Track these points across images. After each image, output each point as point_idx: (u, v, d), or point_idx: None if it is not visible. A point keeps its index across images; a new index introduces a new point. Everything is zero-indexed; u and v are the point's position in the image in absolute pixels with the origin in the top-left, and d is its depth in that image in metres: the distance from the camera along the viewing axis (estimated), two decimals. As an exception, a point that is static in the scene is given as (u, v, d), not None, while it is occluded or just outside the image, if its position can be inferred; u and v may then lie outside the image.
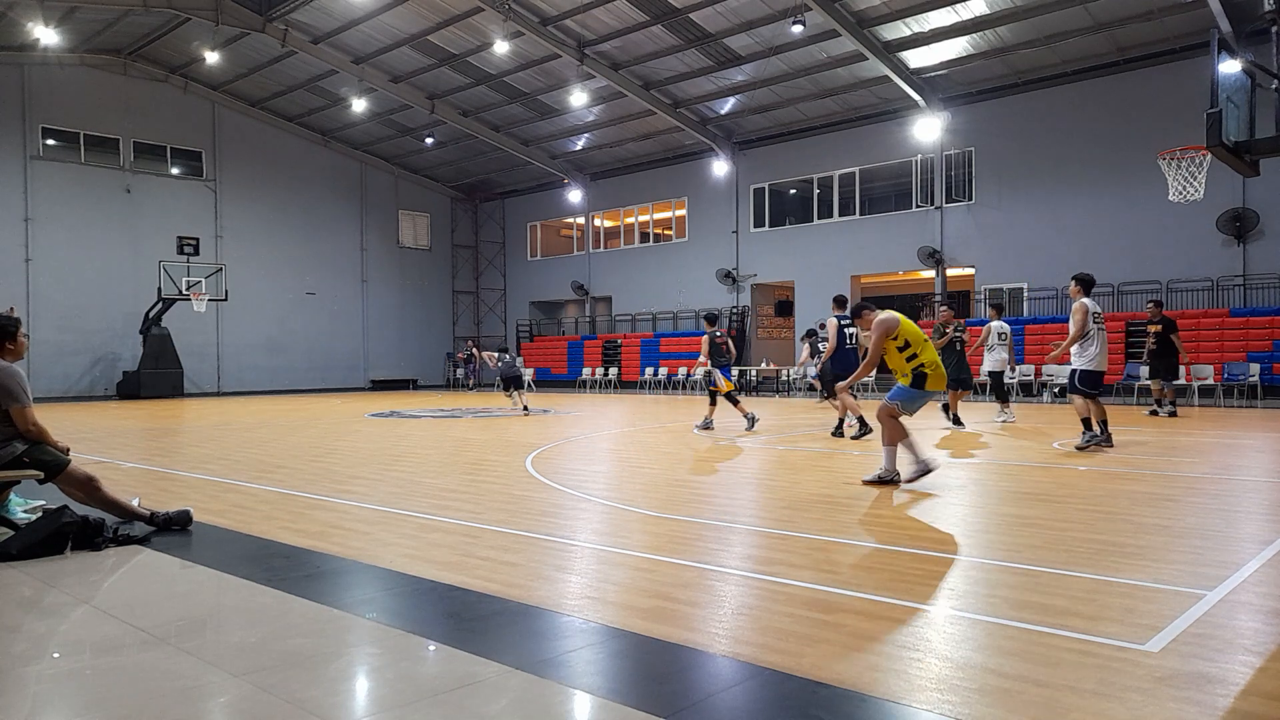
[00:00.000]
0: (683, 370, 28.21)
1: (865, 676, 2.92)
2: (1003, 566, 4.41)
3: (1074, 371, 9.88)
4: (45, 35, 24.16)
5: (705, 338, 12.71)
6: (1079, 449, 9.50)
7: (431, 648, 3.33)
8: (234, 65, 28.01)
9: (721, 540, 5.15)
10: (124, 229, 28.05)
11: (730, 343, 12.85)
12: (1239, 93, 5.86)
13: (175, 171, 29.71)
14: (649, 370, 28.95)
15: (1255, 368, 18.41)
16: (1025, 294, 23.11)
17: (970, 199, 24.01)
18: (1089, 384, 9.74)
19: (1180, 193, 15.88)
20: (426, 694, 2.85)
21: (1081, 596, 3.81)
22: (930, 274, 25.32)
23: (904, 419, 7.11)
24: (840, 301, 11.68)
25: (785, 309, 29.44)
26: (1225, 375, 18.67)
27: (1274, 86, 6.09)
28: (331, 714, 2.71)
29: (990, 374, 14.40)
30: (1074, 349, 9.87)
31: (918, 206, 25.04)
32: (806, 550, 4.80)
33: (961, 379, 12.97)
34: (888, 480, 6.97)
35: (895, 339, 7.17)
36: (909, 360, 7.13)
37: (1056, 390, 20.77)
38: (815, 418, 15.12)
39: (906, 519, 5.75)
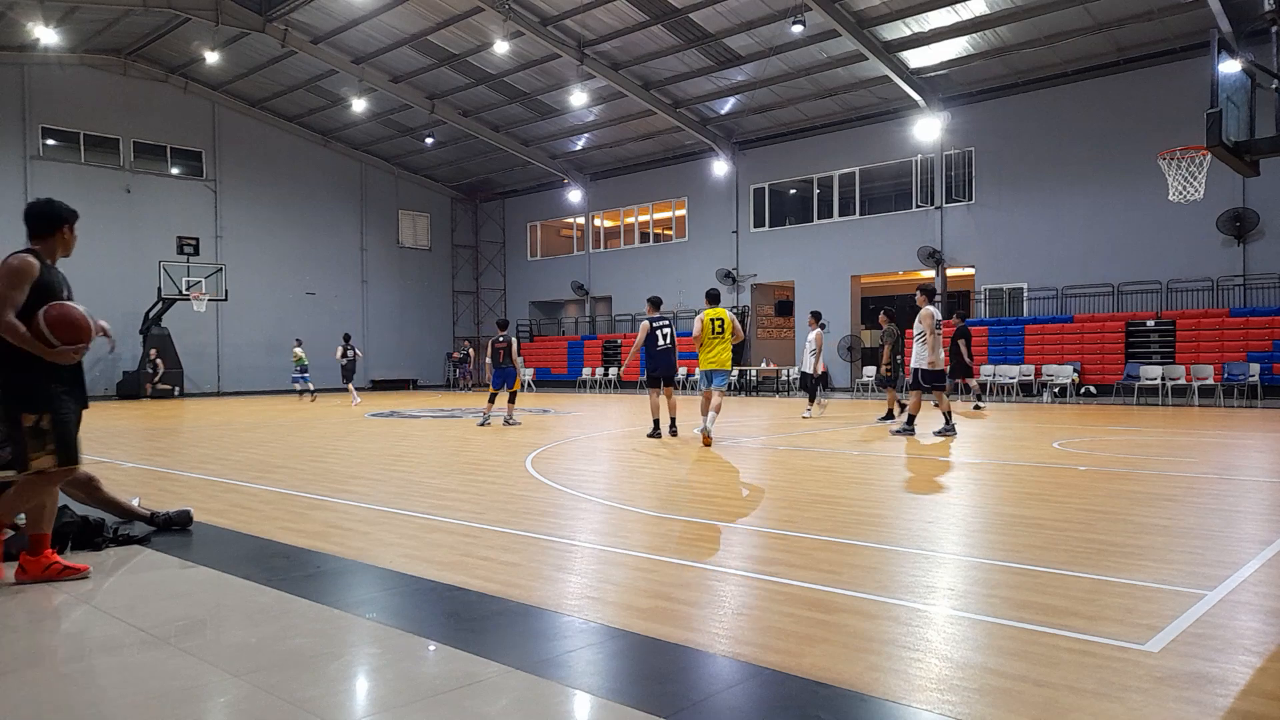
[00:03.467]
0: (682, 370, 28.16)
1: (865, 676, 2.92)
2: (1003, 566, 4.41)
3: (916, 370, 11.29)
4: (45, 35, 24.17)
5: (515, 342, 14.29)
6: (937, 433, 11.12)
7: (431, 648, 3.33)
8: (234, 65, 28.01)
9: (721, 540, 5.15)
10: (124, 229, 28.04)
11: (508, 351, 14.14)
12: (1239, 93, 5.86)
13: (175, 171, 29.71)
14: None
15: (1255, 368, 18.41)
16: (1025, 294, 23.12)
17: (970, 199, 24.01)
18: (930, 380, 11.19)
19: (1180, 193, 15.89)
20: (426, 694, 2.85)
21: (1081, 596, 3.81)
22: (930, 274, 25.32)
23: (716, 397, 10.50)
24: (655, 303, 12.18)
25: (785, 309, 29.44)
26: (1225, 375, 18.67)
27: (1274, 86, 6.09)
28: (331, 714, 2.71)
29: (804, 374, 15.72)
30: (916, 351, 11.25)
31: (918, 206, 25.04)
32: (806, 550, 4.80)
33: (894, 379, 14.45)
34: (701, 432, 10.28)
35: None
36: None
37: (1056, 390, 20.79)
38: (814, 418, 15.11)
39: (906, 519, 5.75)
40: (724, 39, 22.92)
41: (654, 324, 11.64)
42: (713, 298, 11.09)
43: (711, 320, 10.68)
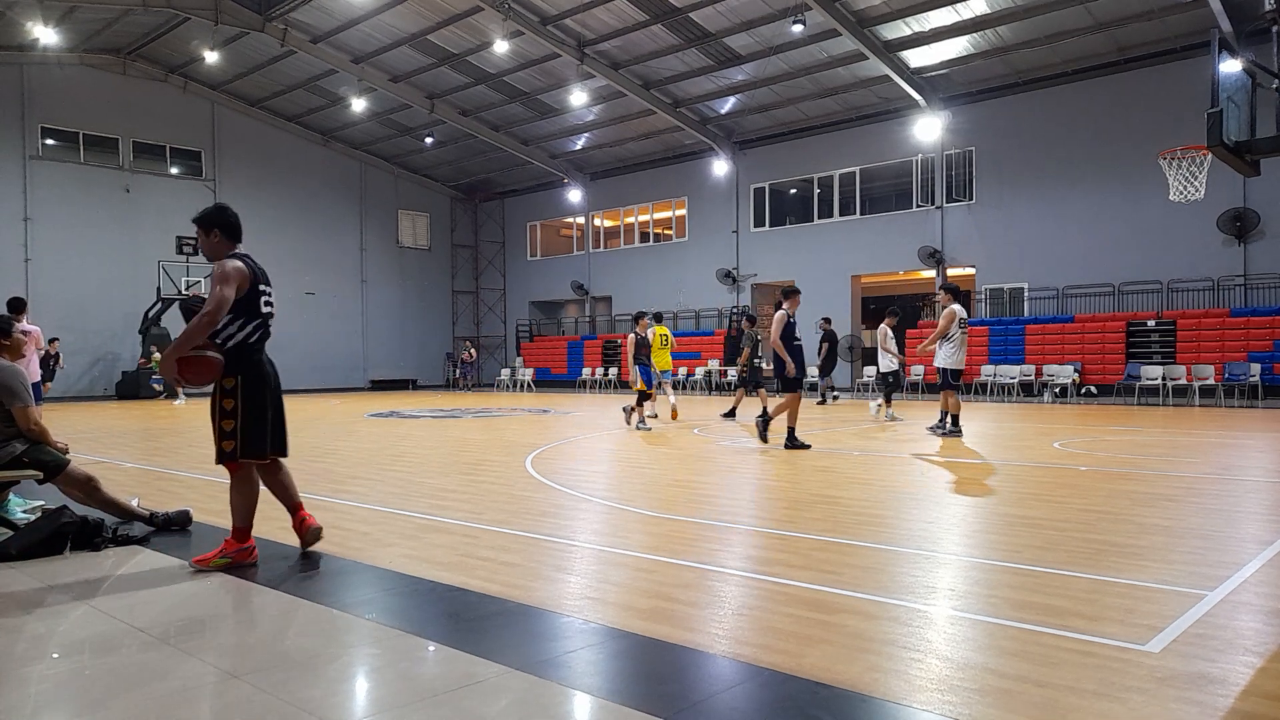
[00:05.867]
0: (683, 370, 28.18)
1: (866, 677, 2.92)
2: (1003, 566, 4.41)
3: (943, 370, 11.20)
4: (45, 35, 24.16)
5: (633, 336, 13.42)
6: (932, 430, 11.24)
7: (431, 648, 3.32)
8: (233, 65, 28.00)
9: (721, 540, 5.15)
10: (123, 229, 28.04)
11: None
12: (1240, 92, 5.85)
13: (174, 171, 29.71)
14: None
15: (1256, 368, 18.40)
16: (1026, 294, 23.11)
17: (971, 199, 24.01)
18: (955, 379, 11.19)
19: (1181, 192, 15.88)
20: (426, 694, 2.84)
21: (1082, 597, 3.80)
22: (931, 274, 25.33)
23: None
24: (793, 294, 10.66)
25: (785, 309, 29.39)
26: (1226, 375, 18.66)
27: (1275, 86, 6.09)
28: (331, 714, 2.70)
29: (884, 374, 15.10)
30: (942, 350, 11.15)
31: (918, 206, 25.03)
32: (806, 550, 4.79)
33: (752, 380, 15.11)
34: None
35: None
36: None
37: (1057, 390, 20.78)
38: (814, 418, 15.10)
39: (906, 519, 5.74)
40: (724, 38, 22.91)
41: (791, 319, 10.27)
42: (658, 317, 14.99)
43: (660, 335, 14.53)
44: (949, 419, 11.14)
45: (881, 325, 14.86)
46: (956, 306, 11.13)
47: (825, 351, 18.15)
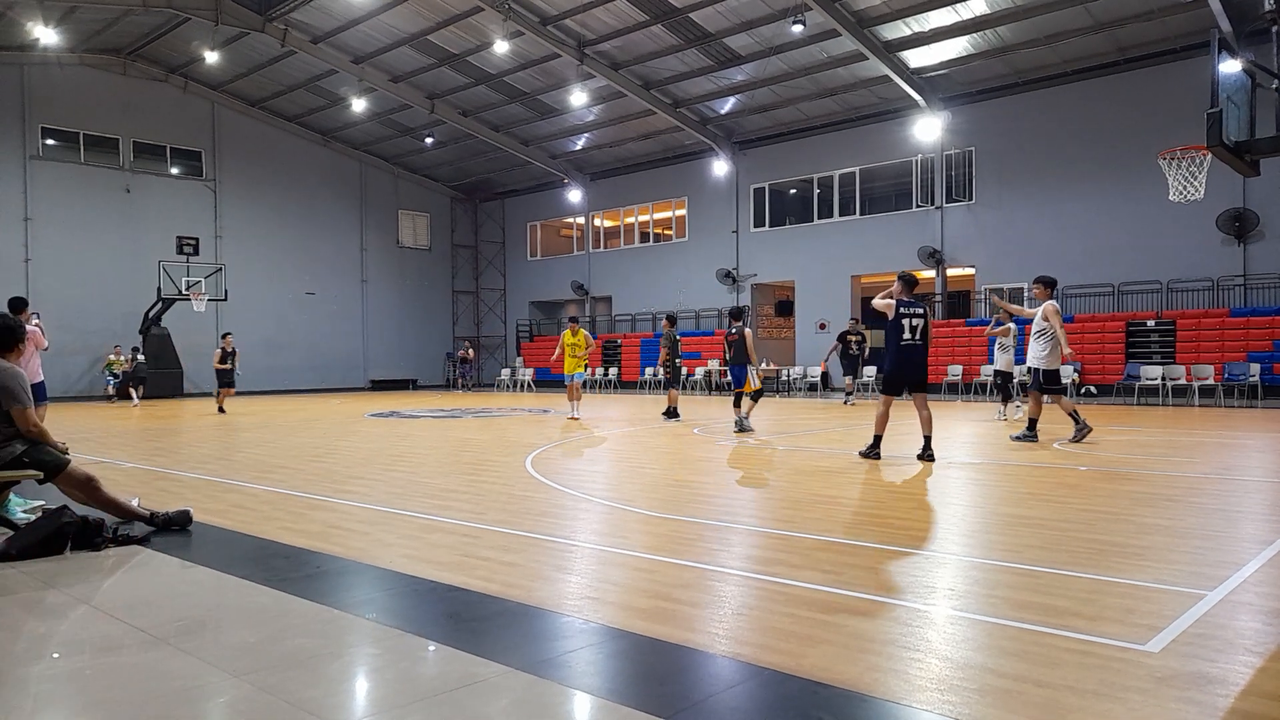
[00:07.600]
0: (683, 370, 28.13)
1: (866, 677, 2.92)
2: (1003, 566, 4.41)
3: (1041, 371, 10.49)
4: (45, 35, 24.15)
5: (749, 332, 12.64)
6: (1073, 440, 10.16)
7: (431, 648, 3.32)
8: (234, 65, 27.99)
9: (721, 540, 5.15)
10: (123, 229, 28.03)
11: (739, 345, 12.75)
12: (1239, 92, 5.85)
13: (175, 171, 29.69)
14: (649, 370, 28.92)
15: (1255, 368, 18.40)
16: (1025, 294, 23.08)
17: (971, 199, 24.00)
18: (1050, 381, 10.53)
19: (1180, 192, 15.86)
20: (426, 694, 2.85)
21: (1082, 596, 3.81)
22: (931, 274, 25.32)
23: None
24: (908, 282, 8.90)
25: (785, 309, 29.43)
26: (1225, 375, 18.66)
27: (1274, 86, 6.09)
28: (331, 714, 2.70)
29: (998, 373, 14.71)
30: (1038, 349, 10.53)
31: (918, 206, 25.03)
32: (806, 550, 4.79)
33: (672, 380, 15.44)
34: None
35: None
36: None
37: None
38: (814, 418, 15.10)
39: (906, 519, 5.74)
40: (724, 38, 22.91)
41: (902, 308, 8.60)
42: (574, 319, 16.70)
43: (572, 345, 15.37)
44: (1031, 423, 10.64)
45: (1008, 324, 14.10)
46: (1055, 302, 10.72)
47: (847, 352, 19.78)
